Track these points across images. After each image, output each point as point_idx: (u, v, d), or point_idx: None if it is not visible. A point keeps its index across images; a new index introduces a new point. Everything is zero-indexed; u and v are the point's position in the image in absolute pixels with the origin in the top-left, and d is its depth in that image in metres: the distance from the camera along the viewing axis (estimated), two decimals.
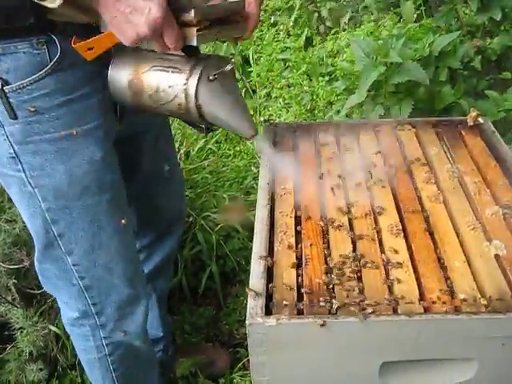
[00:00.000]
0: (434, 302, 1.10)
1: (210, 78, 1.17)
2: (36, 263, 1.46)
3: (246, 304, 2.25)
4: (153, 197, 1.73)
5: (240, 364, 2.11)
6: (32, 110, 1.22)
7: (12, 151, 1.26)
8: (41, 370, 2.02)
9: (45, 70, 1.19)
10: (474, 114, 1.63)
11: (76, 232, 1.37)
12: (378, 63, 2.45)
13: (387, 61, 2.44)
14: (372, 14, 3.42)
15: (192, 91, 1.17)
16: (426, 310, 1.09)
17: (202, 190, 2.46)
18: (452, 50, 2.61)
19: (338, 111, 2.86)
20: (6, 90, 1.19)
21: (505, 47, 2.62)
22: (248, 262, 2.44)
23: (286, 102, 3.34)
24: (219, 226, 2.34)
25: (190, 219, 2.33)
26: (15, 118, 1.23)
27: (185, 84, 1.18)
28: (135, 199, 1.64)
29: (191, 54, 1.18)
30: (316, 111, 3.10)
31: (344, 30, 3.61)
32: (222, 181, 2.65)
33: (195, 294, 2.38)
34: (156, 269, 1.90)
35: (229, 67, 1.19)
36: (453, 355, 1.12)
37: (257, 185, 2.75)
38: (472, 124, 1.63)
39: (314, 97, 3.19)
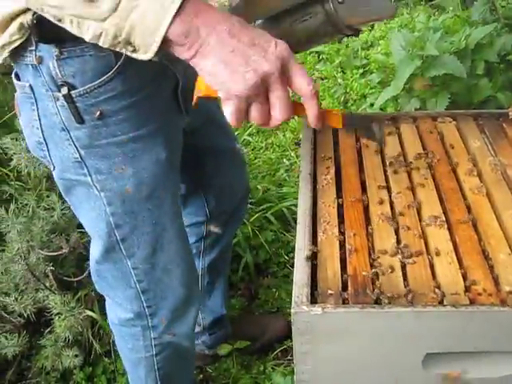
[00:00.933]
0: (479, 294, 1.10)
1: (339, 0, 1.20)
2: (94, 264, 1.45)
3: (279, 295, 2.30)
4: (229, 174, 1.76)
5: (273, 354, 2.12)
6: (99, 113, 1.20)
7: (78, 156, 1.25)
8: (76, 356, 2.05)
9: (111, 72, 1.18)
10: None
11: (139, 236, 1.36)
12: (414, 56, 2.44)
13: (423, 54, 2.42)
14: (407, 5, 3.39)
15: (336, 20, 1.22)
16: (472, 302, 1.08)
17: None
18: (489, 42, 2.59)
19: (372, 104, 2.86)
20: (73, 95, 1.18)
21: None
22: (281, 254, 2.45)
23: (319, 94, 3.34)
24: (254, 217, 2.35)
25: None
26: (82, 122, 1.21)
27: (327, 19, 1.22)
28: (213, 182, 1.69)
29: None
30: (349, 104, 3.10)
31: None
32: (255, 173, 2.66)
33: (228, 285, 2.40)
34: (227, 246, 1.98)
35: None
36: (498, 348, 1.11)
37: (289, 177, 2.79)
38: None
39: (348, 89, 3.19)
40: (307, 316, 1.07)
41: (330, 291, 1.11)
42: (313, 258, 1.19)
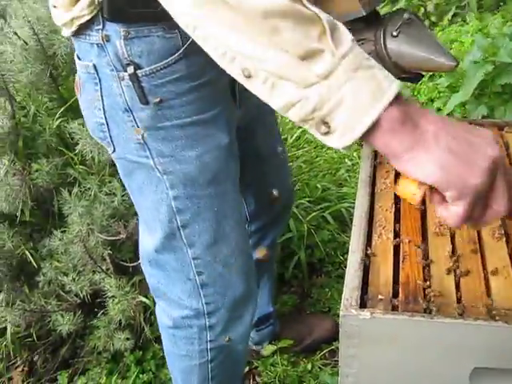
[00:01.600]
0: None
1: (394, 33, 1.17)
2: (151, 253, 1.41)
3: (331, 295, 2.30)
4: (271, 177, 1.73)
5: (321, 354, 2.12)
6: (164, 94, 1.19)
7: (140, 137, 1.24)
8: (127, 339, 2.10)
9: (177, 54, 1.17)
10: None
11: (201, 223, 1.33)
12: (485, 62, 2.39)
13: (496, 60, 2.37)
14: (479, 10, 3.32)
15: (383, 53, 1.19)
16: None
17: (295, 178, 2.47)
18: None
19: (439, 109, 2.81)
20: (139, 74, 1.17)
21: None
22: (336, 254, 2.45)
23: None
24: (311, 216, 2.35)
25: None
26: (146, 103, 1.20)
27: (375, 50, 1.19)
28: (252, 185, 1.65)
29: (370, 19, 1.20)
30: None
31: (449, 26, 3.54)
32: (316, 171, 2.66)
33: (281, 282, 2.41)
34: (271, 246, 1.94)
35: (406, 16, 1.18)
36: None
37: (350, 177, 2.78)
38: None
39: (415, 92, 3.14)
40: (355, 319, 1.07)
41: (380, 296, 1.11)
42: (366, 262, 1.19)
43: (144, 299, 2.08)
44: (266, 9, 0.77)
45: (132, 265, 2.07)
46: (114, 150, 1.31)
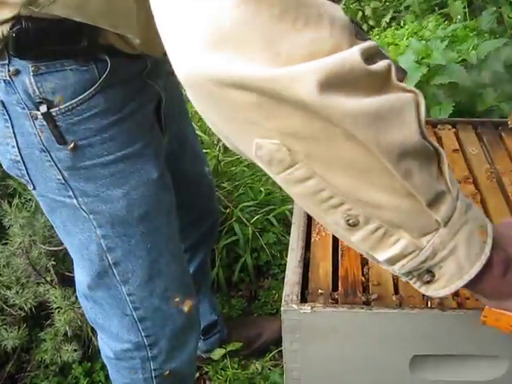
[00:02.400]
0: (467, 298, 1.11)
1: None
2: (85, 290, 1.35)
3: (278, 297, 2.32)
4: (198, 200, 1.71)
5: (271, 355, 2.14)
6: (83, 133, 1.12)
7: (61, 177, 1.17)
8: (75, 350, 2.07)
9: (94, 87, 1.09)
10: None
11: (133, 260, 1.28)
12: (420, 64, 2.46)
13: (430, 62, 2.44)
14: (415, 13, 3.41)
15: None
16: (459, 306, 1.10)
17: (239, 182, 2.49)
18: (495, 53, 2.60)
19: None
20: (54, 113, 1.09)
21: None
22: (282, 256, 2.47)
23: None
24: (255, 219, 2.36)
25: (227, 211, 2.36)
26: (64, 143, 1.12)
27: None
28: (180, 207, 1.57)
29: None
30: None
31: (385, 30, 3.62)
32: (259, 175, 2.68)
33: (228, 286, 2.42)
34: (202, 263, 1.94)
35: (352, 27, 1.18)
36: (484, 352, 1.12)
37: None
38: None
39: None
40: (296, 314, 1.09)
41: (320, 291, 1.13)
42: (305, 259, 1.21)
43: None
44: (403, 147, 0.67)
45: None
46: (34, 188, 1.23)
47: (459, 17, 3.05)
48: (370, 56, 0.66)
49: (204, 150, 2.45)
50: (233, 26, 0.60)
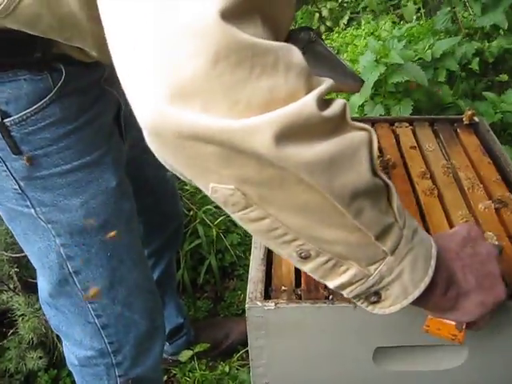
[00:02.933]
0: None
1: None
2: (47, 298, 1.35)
3: (244, 298, 2.33)
4: (162, 204, 1.71)
5: (238, 355, 2.15)
6: (38, 143, 1.11)
7: (17, 187, 1.15)
8: (40, 358, 2.05)
9: (49, 96, 1.08)
10: (469, 112, 1.66)
11: (94, 269, 1.27)
12: (378, 63, 2.49)
13: (388, 61, 2.47)
14: (373, 13, 3.46)
15: None
16: None
17: None
18: (451, 52, 2.66)
19: None
20: (7, 123, 1.07)
21: (502, 50, 2.67)
22: (247, 257, 2.49)
23: None
24: (219, 220, 2.37)
25: (191, 213, 2.37)
26: (19, 153, 1.10)
27: None
28: (143, 212, 1.58)
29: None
30: None
31: (343, 30, 3.66)
32: None
33: (194, 288, 2.42)
34: (167, 266, 1.94)
35: (312, 36, 1.17)
36: (444, 342, 1.15)
37: None
38: (467, 123, 1.67)
39: None
40: (261, 311, 1.10)
41: (283, 287, 1.15)
42: (268, 256, 1.23)
43: None
44: (355, 189, 0.70)
45: None
46: None
47: (414, 17, 3.11)
48: (325, 100, 0.67)
49: None
50: (192, 78, 0.60)
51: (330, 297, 1.12)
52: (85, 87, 1.14)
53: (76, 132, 1.14)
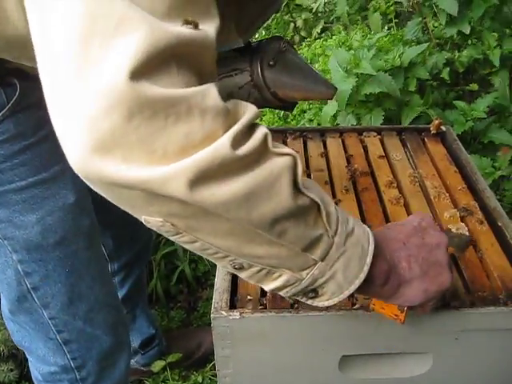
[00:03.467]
0: None
1: (271, 63, 1.15)
2: (7, 314, 1.34)
3: None
4: (130, 217, 1.68)
5: (211, 365, 2.15)
6: None
7: None
8: (11, 370, 2.03)
9: (2, 112, 1.07)
10: (436, 122, 1.69)
11: (52, 285, 1.26)
12: (349, 74, 2.51)
13: (359, 71, 2.49)
14: (343, 24, 3.49)
15: (261, 83, 1.17)
16: None
17: None
18: (421, 61, 2.69)
19: (311, 120, 2.92)
20: None
21: (472, 60, 2.70)
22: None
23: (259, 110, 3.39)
24: None
25: None
26: None
27: (251, 80, 1.17)
28: (111, 227, 1.57)
29: (243, 48, 1.16)
30: (289, 119, 3.16)
31: (315, 40, 3.68)
32: None
33: (167, 297, 2.42)
34: (137, 280, 1.93)
35: (282, 45, 1.17)
36: (409, 349, 1.17)
37: None
38: (435, 132, 1.69)
39: None
40: (226, 321, 1.11)
41: (249, 297, 1.15)
42: None
43: None
44: (275, 216, 0.74)
45: None
46: None
47: (386, 28, 3.14)
48: (243, 136, 0.70)
49: None
50: (110, 132, 0.63)
51: (295, 305, 1.13)
52: (41, 101, 1.11)
53: (32, 148, 1.13)
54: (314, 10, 3.97)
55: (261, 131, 0.72)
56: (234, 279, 1.20)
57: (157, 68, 0.64)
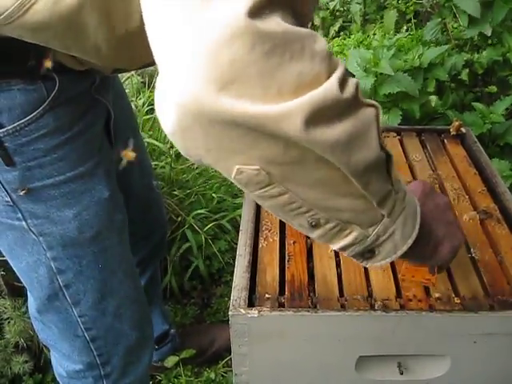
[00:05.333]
0: (409, 300, 1.15)
1: None
2: (34, 313, 1.33)
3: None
4: (146, 213, 1.69)
5: (223, 362, 2.15)
6: (31, 153, 1.09)
7: (9, 199, 1.13)
8: (26, 362, 2.04)
9: (43, 107, 1.06)
10: (456, 123, 1.68)
11: (85, 281, 1.25)
12: (368, 73, 2.50)
13: (378, 71, 2.48)
14: (360, 22, 3.47)
15: None
16: (402, 307, 1.13)
17: (191, 190, 2.49)
18: (440, 62, 2.67)
19: None
20: (1, 134, 1.05)
21: (491, 61, 2.68)
22: (234, 264, 2.48)
23: None
24: (208, 226, 2.37)
25: (179, 218, 2.36)
26: (12, 164, 1.09)
27: None
28: (130, 221, 1.52)
29: None
30: None
31: (334, 38, 3.67)
32: (211, 182, 2.69)
33: (181, 293, 2.42)
34: (153, 275, 1.94)
35: None
36: (427, 351, 1.16)
37: None
38: (455, 133, 1.68)
39: None
40: (244, 318, 1.11)
41: (267, 295, 1.15)
42: (253, 264, 1.23)
43: None
44: (366, 164, 0.75)
45: None
46: None
47: (404, 27, 3.13)
48: (344, 80, 0.70)
49: (156, 158, 2.47)
50: (230, 64, 0.63)
51: (315, 305, 1.13)
52: (77, 96, 1.12)
53: (69, 142, 1.13)
54: (331, 9, 3.96)
55: (353, 80, 0.72)
56: (253, 277, 1.20)
57: (270, 7, 0.65)
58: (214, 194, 2.52)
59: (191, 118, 0.67)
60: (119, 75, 1.45)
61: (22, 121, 1.05)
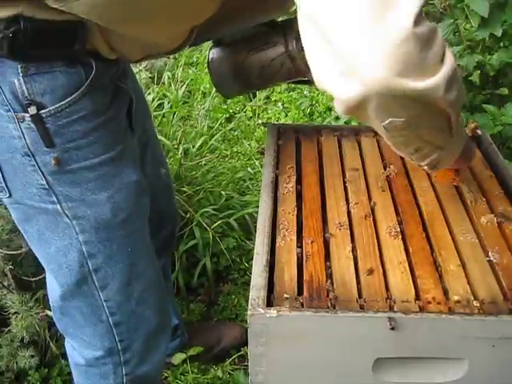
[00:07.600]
0: (429, 302, 1.14)
1: None
2: (57, 301, 1.33)
3: (238, 302, 2.32)
4: (156, 202, 1.64)
5: (230, 360, 2.15)
6: (71, 135, 1.11)
7: (44, 182, 1.14)
8: (32, 356, 2.03)
9: (81, 89, 1.09)
10: (472, 125, 1.67)
11: (114, 265, 1.27)
12: None
13: None
14: None
15: (296, 54, 1.27)
16: (421, 310, 1.12)
17: (199, 187, 2.49)
18: None
19: (337, 117, 2.90)
20: (43, 115, 1.07)
21: (503, 63, 2.66)
22: (242, 261, 2.48)
23: (285, 106, 3.38)
24: (216, 224, 2.36)
25: (187, 215, 2.35)
26: (52, 145, 1.10)
27: (286, 51, 1.27)
28: None
29: (273, 25, 1.29)
30: (314, 116, 3.15)
31: None
32: (219, 180, 2.68)
33: (187, 290, 2.41)
34: (164, 267, 1.92)
35: None
36: (445, 354, 1.15)
37: (252, 185, 2.82)
38: (470, 135, 1.67)
39: (314, 102, 3.23)
40: (263, 318, 1.10)
41: (285, 295, 1.14)
42: (271, 263, 1.22)
43: (49, 313, 2.03)
44: (460, 108, 1.06)
45: (35, 279, 2.02)
46: (10, 196, 1.19)
47: None
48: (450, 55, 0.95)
49: (165, 155, 2.46)
50: (407, 56, 0.87)
51: (334, 306, 1.12)
52: (107, 83, 1.16)
53: (103, 126, 1.16)
54: None
55: (449, 52, 0.94)
56: (270, 276, 1.19)
57: (422, 16, 0.88)
58: (222, 192, 2.51)
59: (375, 93, 0.90)
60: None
61: (63, 102, 1.08)
